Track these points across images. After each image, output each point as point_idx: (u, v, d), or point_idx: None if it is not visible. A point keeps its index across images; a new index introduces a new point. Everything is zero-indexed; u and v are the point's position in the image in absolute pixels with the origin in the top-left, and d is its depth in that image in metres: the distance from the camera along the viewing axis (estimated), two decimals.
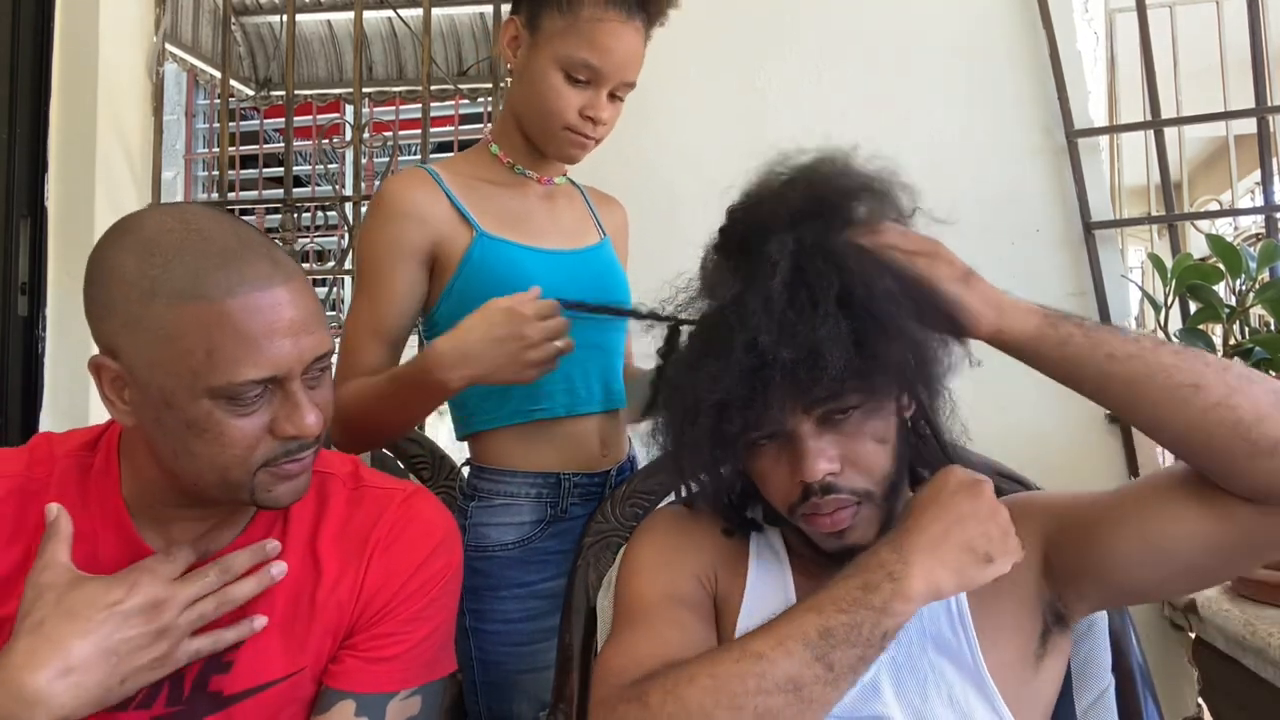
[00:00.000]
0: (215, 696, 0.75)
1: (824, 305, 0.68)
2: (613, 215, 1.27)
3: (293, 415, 0.71)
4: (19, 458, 0.78)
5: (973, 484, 0.71)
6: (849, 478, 0.72)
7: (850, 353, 0.67)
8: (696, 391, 0.72)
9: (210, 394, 0.67)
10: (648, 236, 1.36)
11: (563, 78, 1.04)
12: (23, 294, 1.94)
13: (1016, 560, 0.69)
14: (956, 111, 1.70)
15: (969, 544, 0.67)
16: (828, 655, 0.63)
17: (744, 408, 0.70)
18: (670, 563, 0.82)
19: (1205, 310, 1.39)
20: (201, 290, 0.67)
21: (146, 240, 0.69)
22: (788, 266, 0.70)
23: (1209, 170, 4.94)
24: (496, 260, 1.06)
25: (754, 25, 1.79)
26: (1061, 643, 0.77)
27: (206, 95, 3.91)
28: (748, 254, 0.73)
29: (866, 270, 0.69)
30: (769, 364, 0.68)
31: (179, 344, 0.66)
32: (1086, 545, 0.73)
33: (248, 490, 0.72)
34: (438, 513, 0.85)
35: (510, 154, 1.14)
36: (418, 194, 1.06)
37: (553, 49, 1.03)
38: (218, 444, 0.69)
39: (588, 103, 1.05)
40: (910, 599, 0.65)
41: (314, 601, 0.77)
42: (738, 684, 0.63)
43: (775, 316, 0.68)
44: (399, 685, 0.78)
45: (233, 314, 0.67)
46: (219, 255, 0.68)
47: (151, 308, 0.67)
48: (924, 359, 0.73)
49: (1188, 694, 1.51)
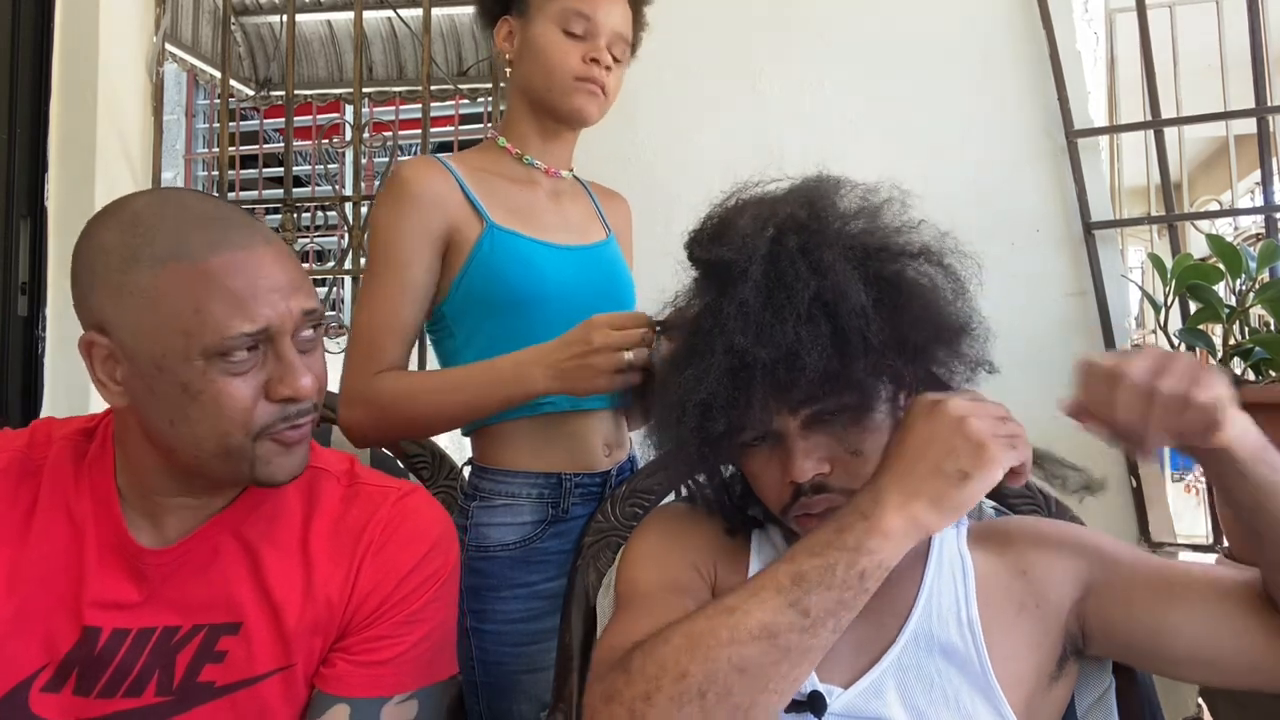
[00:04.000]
0: (207, 687, 0.74)
1: (799, 307, 0.68)
2: (618, 211, 1.28)
3: (286, 376, 0.70)
4: (21, 437, 0.79)
5: (930, 405, 0.67)
6: (839, 478, 0.72)
7: (830, 355, 0.67)
8: (681, 392, 0.72)
9: (203, 353, 0.67)
10: (648, 238, 1.36)
11: (561, 34, 1.08)
12: (23, 294, 1.94)
13: (1004, 465, 0.64)
14: (956, 112, 1.70)
15: (937, 466, 0.64)
16: (802, 600, 0.62)
17: (727, 408, 0.70)
18: (669, 554, 0.82)
19: (1205, 310, 1.39)
20: (184, 251, 0.67)
21: (129, 215, 0.69)
22: (762, 269, 0.70)
23: (1209, 170, 4.94)
24: (506, 253, 1.06)
25: (756, 28, 1.79)
26: (1073, 669, 0.77)
27: (206, 95, 3.91)
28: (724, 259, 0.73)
29: (843, 283, 0.69)
30: (748, 364, 0.68)
31: (166, 306, 0.67)
32: (1140, 610, 0.72)
33: (248, 460, 0.71)
34: (433, 512, 0.84)
35: (519, 144, 1.14)
36: (435, 179, 1.06)
37: (545, 13, 1.08)
38: (214, 405, 0.69)
39: (588, 49, 1.08)
40: (886, 534, 0.63)
41: (302, 597, 0.76)
42: (710, 637, 0.62)
43: (752, 317, 0.68)
44: (393, 690, 0.77)
45: (216, 272, 0.67)
46: (199, 220, 0.69)
47: (134, 273, 0.67)
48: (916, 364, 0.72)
49: (1188, 694, 1.50)
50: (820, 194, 0.76)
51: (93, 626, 0.73)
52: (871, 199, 0.76)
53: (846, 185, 0.77)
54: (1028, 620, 0.75)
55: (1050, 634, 0.75)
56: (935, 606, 0.75)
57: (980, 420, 0.65)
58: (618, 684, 0.63)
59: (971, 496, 0.64)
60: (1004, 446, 0.64)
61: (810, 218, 0.73)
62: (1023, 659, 0.74)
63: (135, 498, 0.76)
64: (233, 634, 0.75)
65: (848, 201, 0.75)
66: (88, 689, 0.73)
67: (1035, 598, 0.68)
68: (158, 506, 0.76)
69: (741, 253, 0.71)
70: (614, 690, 0.63)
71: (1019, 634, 0.74)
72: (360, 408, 1.02)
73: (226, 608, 0.75)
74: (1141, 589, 0.73)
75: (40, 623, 0.73)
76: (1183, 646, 0.71)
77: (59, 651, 0.73)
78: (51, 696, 0.73)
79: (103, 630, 0.73)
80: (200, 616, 0.75)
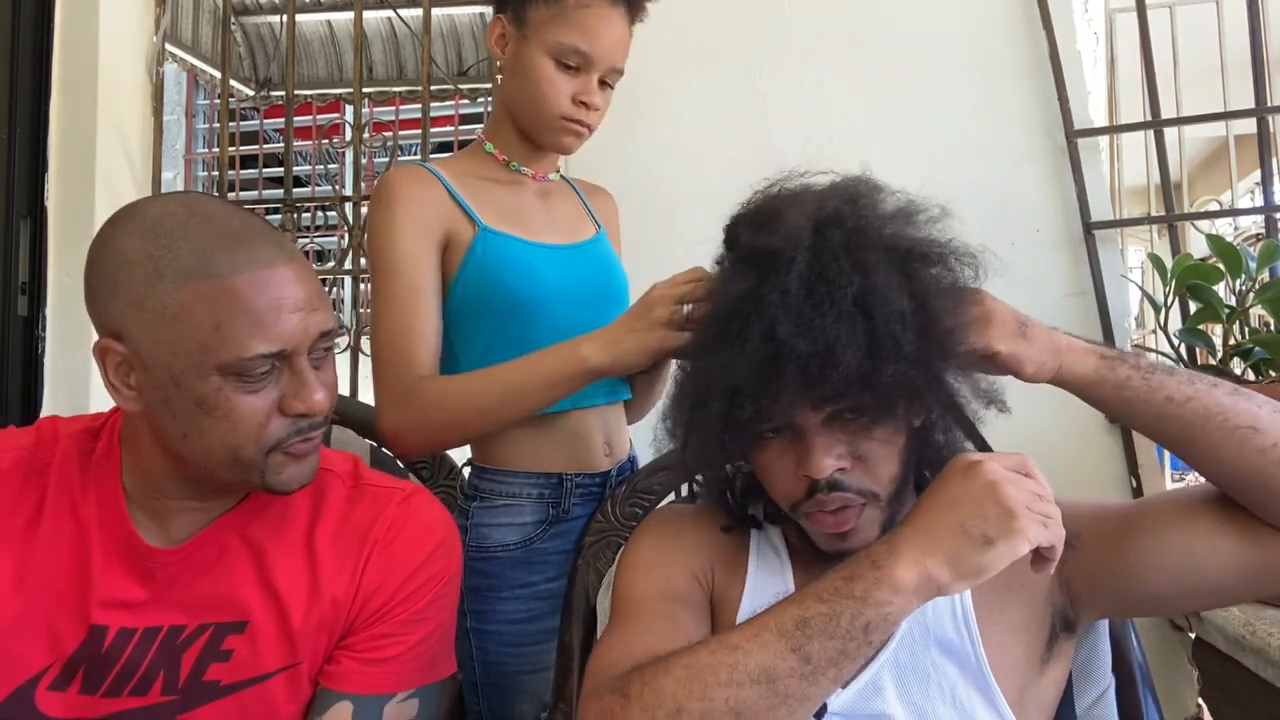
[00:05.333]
0: (212, 686, 0.75)
1: (841, 304, 0.67)
2: (604, 207, 1.27)
3: (301, 392, 0.72)
4: (27, 435, 0.79)
5: (968, 465, 0.65)
6: (856, 477, 0.72)
7: (863, 357, 0.67)
8: (710, 375, 0.72)
9: (220, 370, 0.68)
10: (647, 238, 1.36)
11: (554, 66, 1.05)
12: (23, 294, 1.94)
13: (1032, 541, 0.61)
14: (957, 112, 1.70)
15: (961, 527, 0.62)
16: (804, 646, 0.61)
17: (755, 395, 0.69)
18: (666, 560, 0.82)
19: (1205, 310, 1.39)
20: (208, 269, 0.68)
21: (151, 223, 0.69)
22: (806, 261, 0.70)
23: (1209, 170, 4.94)
24: (500, 255, 1.06)
25: (755, 28, 1.79)
26: (1066, 648, 0.77)
27: (206, 95, 3.91)
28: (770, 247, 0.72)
29: (885, 285, 0.69)
30: (784, 354, 0.67)
31: (187, 321, 0.67)
32: (1113, 555, 0.73)
33: (259, 471, 0.72)
34: (438, 513, 0.85)
35: (505, 151, 1.14)
36: (422, 185, 1.06)
37: (541, 39, 1.05)
38: (228, 421, 0.70)
39: (580, 89, 1.06)
40: (897, 588, 0.61)
41: (308, 596, 0.77)
42: (710, 675, 0.62)
43: (793, 307, 0.68)
44: (396, 687, 0.78)
45: (240, 290, 0.68)
46: (224, 236, 0.69)
47: (158, 287, 0.67)
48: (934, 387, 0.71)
49: (1188, 694, 1.51)
50: (863, 193, 0.75)
51: (99, 625, 0.73)
52: (912, 207, 0.76)
53: (887, 189, 0.76)
54: (1015, 602, 0.75)
55: (1037, 614, 0.75)
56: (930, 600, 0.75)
57: (1016, 489, 0.62)
58: (614, 707, 0.64)
59: (992, 563, 0.61)
60: (1035, 521, 0.61)
61: (853, 215, 0.73)
62: (1013, 645, 0.74)
63: (142, 498, 0.76)
64: (238, 633, 0.75)
65: (889, 204, 0.75)
66: (94, 688, 0.73)
67: (1020, 576, 0.68)
68: (164, 507, 0.76)
69: (788, 241, 0.71)
70: (609, 713, 0.64)
71: (1008, 619, 0.75)
72: (400, 415, 1.00)
73: (232, 607, 0.76)
74: (1112, 537, 0.74)
75: (46, 621, 0.73)
76: (1167, 577, 0.72)
77: (65, 650, 0.73)
78: (58, 695, 0.73)
79: (109, 629, 0.74)
80: (206, 616, 0.75)
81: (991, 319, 0.73)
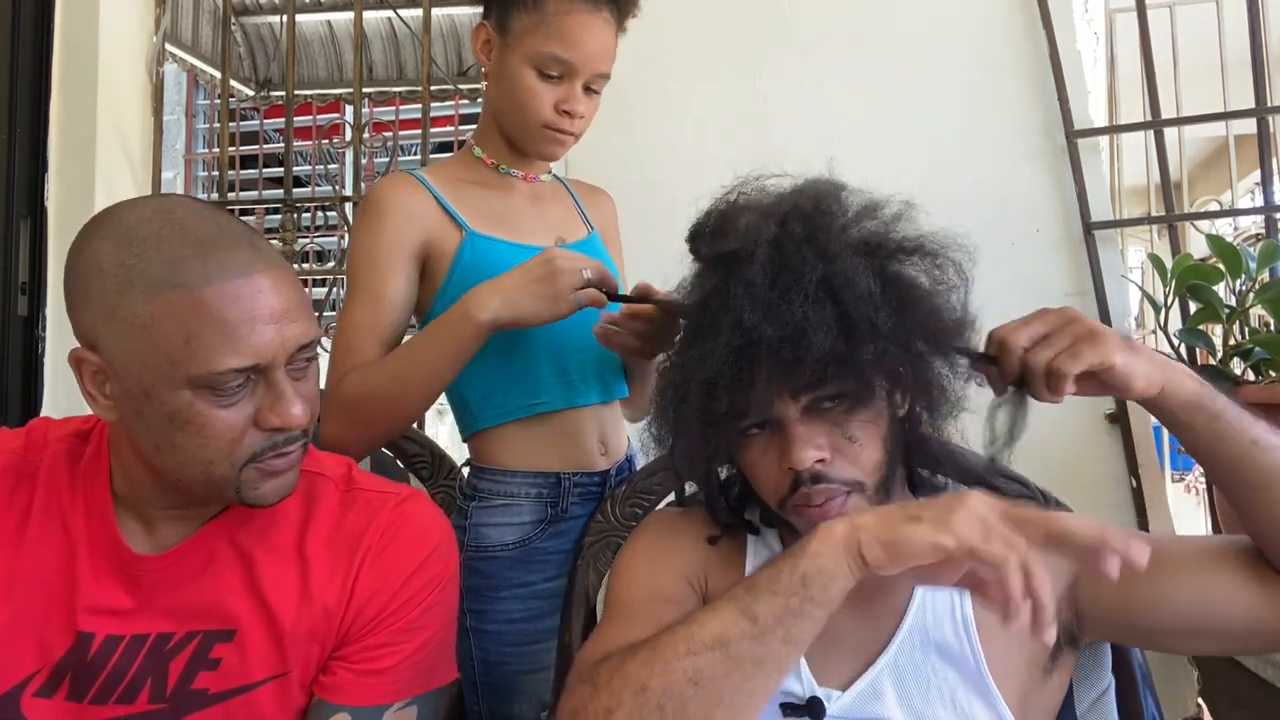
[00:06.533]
0: (200, 695, 0.74)
1: (806, 288, 0.68)
2: (600, 208, 1.27)
3: (277, 406, 0.69)
4: (18, 438, 0.78)
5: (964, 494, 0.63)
6: (838, 467, 0.72)
7: (835, 338, 0.67)
8: (685, 372, 0.73)
9: (190, 384, 0.66)
10: (647, 238, 1.36)
11: (535, 75, 1.04)
12: (23, 294, 1.94)
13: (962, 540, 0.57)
14: (957, 112, 1.70)
15: (904, 508, 0.62)
16: (751, 607, 0.62)
17: (730, 386, 0.70)
18: (658, 563, 0.82)
19: (1205, 310, 1.39)
20: (178, 279, 0.65)
21: (125, 230, 0.68)
22: (768, 253, 0.70)
23: (1209, 170, 4.94)
24: (487, 259, 1.06)
25: (755, 28, 1.79)
26: (1069, 658, 0.77)
27: (206, 95, 3.91)
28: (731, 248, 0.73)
29: (850, 269, 0.69)
30: (754, 341, 0.68)
31: (156, 333, 0.65)
32: (1128, 592, 0.72)
33: (233, 487, 0.70)
34: (433, 517, 0.83)
35: (493, 155, 1.14)
36: (407, 195, 1.06)
37: (523, 47, 1.04)
38: (200, 436, 0.68)
39: (562, 97, 1.05)
40: (826, 539, 0.61)
41: (298, 603, 0.75)
42: (669, 650, 0.62)
43: (759, 297, 0.69)
44: (394, 697, 0.77)
45: (210, 301, 0.65)
46: (196, 244, 0.67)
47: (128, 297, 0.65)
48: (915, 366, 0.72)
49: (1188, 694, 1.51)
50: (824, 192, 0.76)
51: (86, 632, 0.73)
52: (874, 201, 0.76)
53: (849, 188, 0.77)
54: None
55: None
56: (930, 605, 0.76)
57: (982, 505, 0.60)
58: (584, 697, 0.64)
59: (910, 537, 0.58)
60: (976, 527, 0.58)
61: (815, 211, 0.74)
62: (1016, 652, 0.74)
63: (130, 503, 0.75)
64: (227, 641, 0.74)
65: (852, 201, 0.76)
66: (80, 695, 0.73)
67: None
68: (150, 513, 0.75)
69: (746, 240, 0.72)
70: (580, 703, 0.64)
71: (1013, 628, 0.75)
72: (332, 418, 1.00)
73: (221, 614, 0.74)
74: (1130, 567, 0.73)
75: (33, 628, 0.72)
76: (1182, 617, 0.72)
77: (52, 657, 0.72)
78: (44, 702, 0.72)
79: (95, 636, 0.73)
80: (194, 623, 0.74)
81: (1099, 332, 0.71)
